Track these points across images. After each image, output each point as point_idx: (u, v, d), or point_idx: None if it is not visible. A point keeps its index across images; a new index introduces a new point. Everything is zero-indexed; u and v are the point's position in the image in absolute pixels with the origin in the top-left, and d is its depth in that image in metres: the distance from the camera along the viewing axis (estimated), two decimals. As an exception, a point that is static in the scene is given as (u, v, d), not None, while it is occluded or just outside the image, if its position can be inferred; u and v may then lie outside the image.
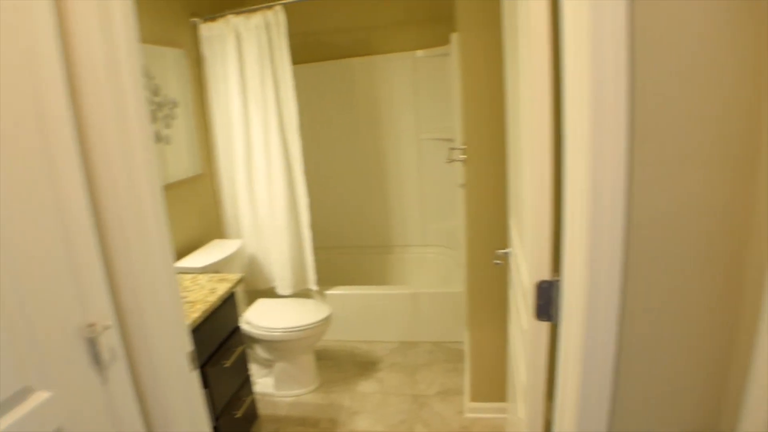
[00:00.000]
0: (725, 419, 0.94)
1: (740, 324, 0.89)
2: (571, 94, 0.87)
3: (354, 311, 3.27)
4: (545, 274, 1.10)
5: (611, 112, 0.82)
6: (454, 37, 2.18)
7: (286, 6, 2.83)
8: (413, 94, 3.53)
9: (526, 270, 1.30)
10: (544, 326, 1.14)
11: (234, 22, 2.83)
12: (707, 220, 0.86)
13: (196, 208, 2.93)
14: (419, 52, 3.37)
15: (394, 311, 3.23)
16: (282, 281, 3.12)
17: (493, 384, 2.43)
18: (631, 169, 0.85)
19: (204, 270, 2.54)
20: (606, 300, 0.89)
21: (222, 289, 2.02)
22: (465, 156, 2.18)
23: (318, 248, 3.74)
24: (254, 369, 2.84)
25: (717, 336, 0.92)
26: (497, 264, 2.07)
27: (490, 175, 2.17)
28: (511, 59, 1.54)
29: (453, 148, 2.80)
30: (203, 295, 1.96)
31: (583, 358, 0.94)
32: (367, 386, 2.84)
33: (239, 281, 2.16)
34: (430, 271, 3.80)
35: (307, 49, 3.56)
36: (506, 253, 1.88)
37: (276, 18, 2.78)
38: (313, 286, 3.19)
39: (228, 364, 2.08)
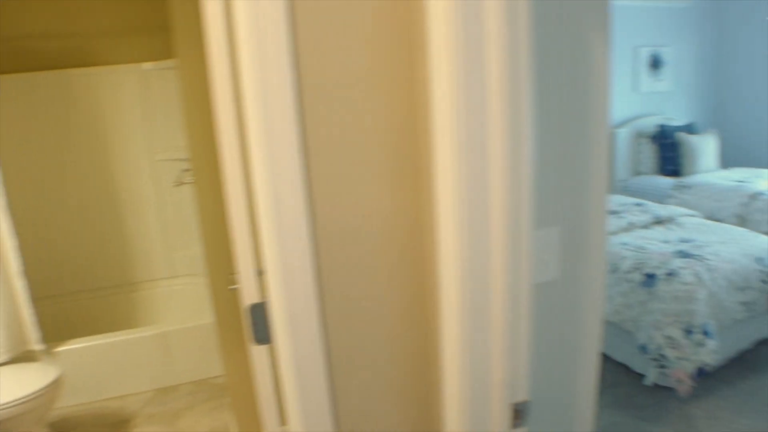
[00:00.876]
0: (436, 416, 0.96)
1: (428, 320, 0.93)
2: (248, 117, 0.82)
3: (97, 365, 2.79)
4: (255, 297, 1.04)
5: (281, 134, 0.79)
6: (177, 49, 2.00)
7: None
8: (143, 110, 3.17)
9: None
10: (265, 349, 1.06)
11: None
12: (383, 227, 0.89)
13: None
14: (146, 65, 3.05)
15: (145, 356, 2.84)
16: (-12, 347, 2.49)
17: (259, 413, 2.27)
18: (311, 186, 0.84)
19: None
20: (306, 314, 0.85)
21: None
22: (194, 177, 2.01)
23: (41, 298, 3.11)
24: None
25: (414, 332, 0.94)
26: (232, 289, 1.93)
27: (221, 195, 2.03)
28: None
29: (184, 170, 2.59)
30: None
31: (296, 375, 0.89)
32: (117, 451, 2.42)
33: None
34: (181, 305, 3.46)
35: (9, 57, 2.93)
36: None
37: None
38: (37, 346, 2.63)
39: None
